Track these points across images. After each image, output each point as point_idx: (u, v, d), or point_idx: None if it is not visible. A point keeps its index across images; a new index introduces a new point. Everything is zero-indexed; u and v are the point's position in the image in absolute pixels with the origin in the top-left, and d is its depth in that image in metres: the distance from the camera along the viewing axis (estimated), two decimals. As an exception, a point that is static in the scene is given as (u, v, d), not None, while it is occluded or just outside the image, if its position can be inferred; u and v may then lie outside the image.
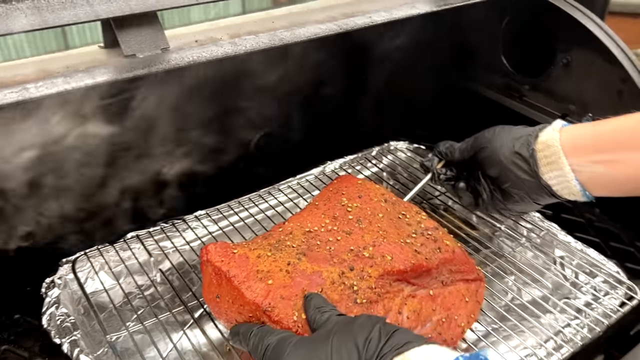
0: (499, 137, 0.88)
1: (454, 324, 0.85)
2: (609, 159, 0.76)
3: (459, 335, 0.84)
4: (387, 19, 1.00)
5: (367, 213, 0.90)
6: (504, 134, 0.88)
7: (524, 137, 0.85)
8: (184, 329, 0.89)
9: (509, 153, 0.85)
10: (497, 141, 0.88)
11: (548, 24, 1.21)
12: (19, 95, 0.73)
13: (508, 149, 0.86)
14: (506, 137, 0.87)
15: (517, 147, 0.85)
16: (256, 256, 0.79)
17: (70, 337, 0.84)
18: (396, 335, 0.59)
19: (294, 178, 1.20)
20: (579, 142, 0.80)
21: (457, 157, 0.96)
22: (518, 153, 0.84)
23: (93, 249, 1.00)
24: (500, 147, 0.87)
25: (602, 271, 0.99)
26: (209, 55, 0.85)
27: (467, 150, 0.93)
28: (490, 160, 0.88)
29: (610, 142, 0.77)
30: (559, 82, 1.23)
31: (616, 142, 0.76)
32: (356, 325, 0.63)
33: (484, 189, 0.92)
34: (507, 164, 0.86)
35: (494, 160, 0.88)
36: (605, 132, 0.78)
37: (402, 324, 0.80)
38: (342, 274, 0.79)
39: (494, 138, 0.88)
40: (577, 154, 0.79)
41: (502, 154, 0.86)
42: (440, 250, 0.86)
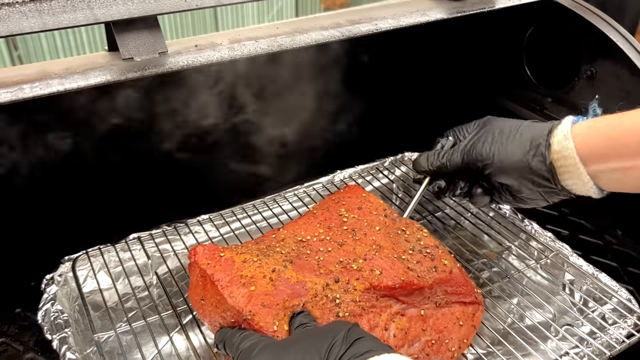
0: (504, 151, 0.81)
1: (444, 347, 0.82)
2: (629, 166, 0.71)
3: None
4: (393, 27, 0.97)
5: (363, 225, 0.88)
6: (510, 145, 0.80)
7: (534, 147, 0.78)
8: (171, 333, 0.89)
9: (524, 170, 0.79)
10: (504, 156, 0.81)
11: (572, 35, 1.15)
12: (13, 95, 0.75)
13: (521, 164, 0.79)
14: (513, 150, 0.80)
15: (530, 161, 0.78)
16: (242, 260, 0.78)
17: (61, 334, 0.85)
18: (358, 343, 0.58)
19: (301, 186, 1.19)
20: (595, 149, 0.73)
21: (452, 170, 0.89)
22: (533, 169, 0.78)
23: (94, 249, 1.01)
24: (510, 164, 0.80)
25: (613, 298, 0.94)
26: (204, 60, 0.85)
27: (464, 164, 0.86)
28: (501, 176, 0.82)
29: (627, 147, 0.70)
30: (583, 94, 1.18)
31: (633, 147, 0.70)
32: (323, 331, 0.63)
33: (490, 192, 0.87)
34: (522, 180, 0.80)
35: (505, 177, 0.82)
36: (620, 136, 0.71)
37: (388, 342, 0.78)
38: (327, 286, 0.77)
39: (498, 151, 0.81)
40: (594, 162, 0.74)
41: (516, 170, 0.80)
42: (436, 269, 0.83)
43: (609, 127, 0.72)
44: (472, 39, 1.30)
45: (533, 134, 0.79)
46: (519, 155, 0.79)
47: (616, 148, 0.71)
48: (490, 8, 1.05)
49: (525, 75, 1.30)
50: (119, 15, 0.81)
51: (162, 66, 0.82)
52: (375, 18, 0.98)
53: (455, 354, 0.82)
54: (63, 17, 0.78)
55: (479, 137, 0.85)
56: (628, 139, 0.69)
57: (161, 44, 0.85)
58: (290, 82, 1.19)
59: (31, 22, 0.76)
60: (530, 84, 1.30)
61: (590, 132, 0.74)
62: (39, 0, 0.76)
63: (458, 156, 0.87)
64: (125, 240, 1.03)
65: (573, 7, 1.10)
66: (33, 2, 0.76)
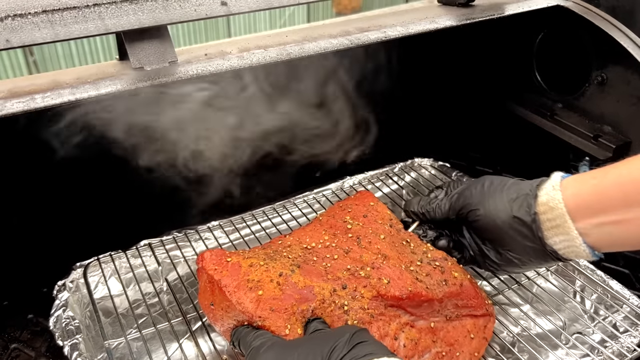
0: (491, 198, 0.80)
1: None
2: (617, 219, 0.68)
3: None
4: (402, 34, 0.97)
5: (368, 232, 0.88)
6: (497, 194, 0.79)
7: (522, 197, 0.76)
8: (180, 340, 0.90)
9: (507, 217, 0.77)
10: (490, 203, 0.79)
11: (582, 41, 1.15)
12: (25, 105, 0.76)
13: (505, 212, 0.77)
14: (500, 198, 0.79)
15: (515, 210, 0.76)
16: (248, 265, 0.78)
17: (72, 340, 0.86)
18: (360, 346, 0.59)
19: (310, 192, 1.19)
20: (583, 201, 0.71)
21: (439, 217, 0.88)
22: (518, 218, 0.76)
23: (105, 255, 1.02)
24: (495, 211, 0.78)
25: (625, 306, 0.93)
26: (213, 68, 0.85)
27: (452, 210, 0.86)
28: (485, 224, 0.80)
29: (616, 199, 0.68)
30: (593, 100, 1.17)
31: (622, 200, 0.67)
32: (328, 334, 0.64)
33: (473, 248, 0.86)
34: (506, 229, 0.78)
35: (490, 225, 0.79)
36: (609, 187, 0.69)
37: (398, 351, 0.78)
38: (334, 292, 0.77)
39: (485, 199, 0.80)
40: (583, 216, 0.71)
41: (499, 219, 0.78)
42: (446, 283, 0.82)
43: (597, 178, 0.70)
44: (483, 44, 1.30)
45: (522, 186, 0.78)
46: (504, 203, 0.78)
47: (602, 201, 0.69)
48: (500, 15, 1.05)
49: (536, 81, 1.30)
50: (129, 25, 0.82)
51: (172, 75, 0.83)
52: (384, 26, 0.99)
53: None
54: (74, 27, 0.79)
55: (469, 186, 0.85)
56: (613, 192, 0.68)
57: (171, 53, 0.86)
58: (300, 88, 1.20)
59: (43, 32, 0.77)
60: (540, 90, 1.29)
61: (577, 183, 0.72)
62: (51, 11, 0.77)
63: (446, 203, 0.87)
64: (136, 246, 1.04)
65: (583, 13, 1.10)
66: (45, 13, 0.77)
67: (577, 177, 0.73)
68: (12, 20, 0.75)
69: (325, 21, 1.10)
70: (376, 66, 1.30)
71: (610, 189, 0.68)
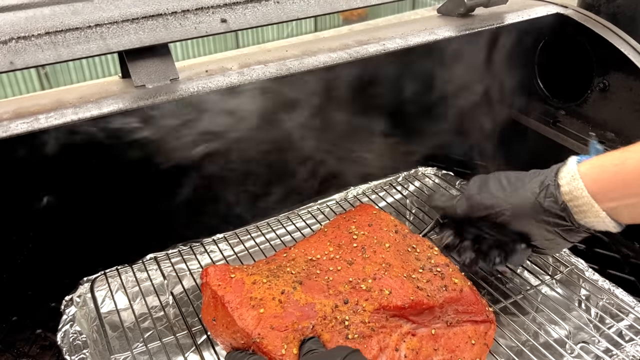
0: (516, 197, 0.81)
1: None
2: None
3: None
4: (401, 46, 0.98)
5: (373, 242, 0.89)
6: (520, 191, 0.81)
7: (544, 189, 0.78)
8: (186, 354, 0.91)
9: (537, 211, 0.79)
10: (514, 199, 0.81)
11: (584, 48, 1.15)
12: (29, 125, 0.77)
13: (534, 207, 0.79)
14: (523, 193, 0.80)
15: (543, 202, 0.78)
16: (252, 282, 0.79)
17: (79, 355, 0.87)
18: None
19: (314, 203, 1.20)
20: (605, 187, 0.73)
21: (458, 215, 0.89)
22: (548, 211, 0.78)
23: (112, 269, 1.03)
24: (522, 207, 0.80)
25: (630, 314, 0.93)
26: (214, 85, 0.87)
27: (472, 210, 0.87)
28: (514, 222, 0.83)
29: (637, 185, 0.71)
30: (596, 107, 1.17)
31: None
32: (317, 358, 0.64)
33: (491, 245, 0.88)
34: (538, 222, 0.80)
35: (520, 223, 0.82)
36: (629, 174, 0.71)
37: None
38: (336, 308, 0.77)
39: (509, 198, 0.82)
40: (607, 199, 0.74)
41: (529, 215, 0.80)
42: (446, 288, 0.83)
43: (615, 167, 0.72)
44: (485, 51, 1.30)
45: (540, 178, 0.80)
46: (531, 199, 0.80)
47: (625, 187, 0.71)
48: (499, 24, 1.06)
49: (539, 89, 1.30)
50: (130, 44, 0.83)
51: (173, 93, 0.84)
52: (383, 38, 0.99)
53: None
54: (77, 48, 0.81)
55: (484, 184, 0.85)
56: (633, 178, 0.70)
57: (172, 70, 0.87)
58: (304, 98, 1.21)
59: (46, 54, 0.79)
60: (543, 97, 1.29)
61: (597, 170, 0.74)
62: (54, 33, 0.79)
63: (463, 202, 0.88)
64: (142, 260, 1.06)
65: (583, 20, 1.10)
66: (48, 34, 0.79)
67: (595, 163, 0.75)
68: (15, 43, 0.77)
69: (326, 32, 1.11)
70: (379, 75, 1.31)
71: (630, 175, 0.71)
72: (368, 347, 0.76)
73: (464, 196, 0.88)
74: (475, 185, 0.87)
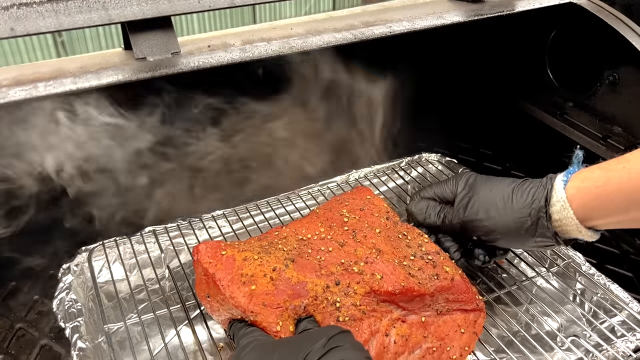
0: (503, 223, 0.83)
1: (445, 354, 0.81)
2: (620, 220, 0.75)
3: None
4: (408, 30, 0.97)
5: (364, 226, 0.88)
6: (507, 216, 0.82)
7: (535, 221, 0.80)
8: (178, 327, 0.91)
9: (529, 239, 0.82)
10: (504, 227, 0.83)
11: (595, 39, 1.13)
12: (27, 93, 0.78)
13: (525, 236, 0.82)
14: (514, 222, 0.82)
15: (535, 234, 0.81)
16: (242, 258, 0.79)
17: (73, 322, 0.88)
18: (334, 352, 0.60)
19: (315, 184, 1.19)
20: (590, 211, 0.77)
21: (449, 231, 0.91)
22: (539, 240, 0.82)
23: (110, 240, 1.04)
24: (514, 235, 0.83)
25: (624, 311, 0.92)
26: (215, 61, 0.86)
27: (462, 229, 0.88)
28: (504, 243, 0.86)
29: (619, 205, 0.74)
30: (605, 100, 1.15)
31: (624, 205, 0.73)
32: (308, 336, 0.65)
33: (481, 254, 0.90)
34: (527, 243, 0.83)
35: (510, 244, 0.87)
36: (612, 195, 0.74)
37: (388, 348, 0.78)
38: (327, 288, 0.77)
39: (497, 224, 0.83)
40: (591, 220, 0.77)
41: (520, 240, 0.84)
42: (438, 277, 0.83)
43: (597, 189, 0.75)
44: (495, 40, 1.28)
45: (530, 205, 0.81)
46: (523, 229, 0.82)
47: (607, 208, 0.75)
48: (510, 12, 1.04)
49: (548, 79, 1.28)
50: (132, 15, 0.83)
51: (174, 67, 0.84)
52: (390, 20, 0.98)
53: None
54: (78, 17, 0.81)
55: (471, 209, 0.86)
56: (615, 198, 0.73)
57: (174, 44, 0.87)
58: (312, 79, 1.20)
59: (47, 21, 0.79)
60: (552, 88, 1.27)
61: (582, 195, 0.77)
62: (56, 1, 0.79)
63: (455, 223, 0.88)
64: (140, 232, 1.06)
65: (596, 11, 1.08)
66: (50, 2, 0.78)
67: (580, 186, 0.77)
68: (17, 9, 0.76)
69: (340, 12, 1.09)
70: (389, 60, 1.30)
71: (612, 196, 0.74)
72: (359, 330, 0.76)
73: (453, 217, 0.88)
74: (461, 207, 0.87)
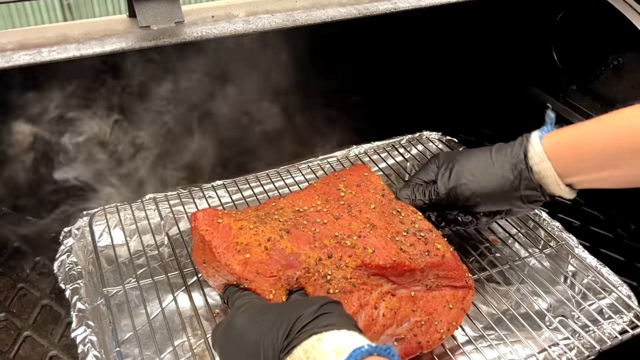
0: (488, 184, 0.85)
1: (433, 329, 0.83)
2: (597, 177, 0.78)
3: (436, 342, 0.82)
4: (413, 7, 0.97)
5: (359, 201, 0.90)
6: (491, 177, 0.85)
7: (518, 174, 0.82)
8: (176, 293, 0.94)
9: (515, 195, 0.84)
10: (488, 188, 0.85)
11: (601, 23, 1.12)
12: (31, 58, 0.79)
13: (512, 193, 0.84)
14: (497, 181, 0.84)
15: (520, 187, 0.83)
16: (238, 227, 0.81)
17: (73, 284, 0.90)
18: (324, 317, 0.62)
19: (315, 158, 1.20)
20: (566, 167, 0.79)
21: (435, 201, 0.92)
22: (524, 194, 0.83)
23: (111, 205, 1.06)
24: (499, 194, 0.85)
25: (613, 294, 0.93)
26: (218, 32, 0.87)
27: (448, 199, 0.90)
28: (488, 204, 0.88)
29: (595, 163, 0.76)
30: (608, 85, 1.15)
31: (600, 163, 0.76)
32: (301, 302, 0.67)
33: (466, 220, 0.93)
34: (512, 200, 0.85)
35: (495, 204, 0.88)
36: (585, 151, 0.77)
37: (377, 320, 0.80)
38: (319, 261, 0.79)
39: (481, 186, 0.86)
40: (569, 177, 0.80)
41: (505, 197, 0.85)
42: (428, 253, 0.84)
43: (571, 145, 0.78)
44: (502, 21, 1.27)
45: (510, 161, 0.83)
46: (506, 185, 0.84)
47: (583, 166, 0.78)
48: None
49: (553, 61, 1.27)
50: (137, -18, 0.83)
51: (177, 36, 0.84)
52: (395, -4, 0.98)
53: (444, 336, 0.83)
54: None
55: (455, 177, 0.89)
56: (589, 155, 0.76)
57: (178, 13, 0.87)
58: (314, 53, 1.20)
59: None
60: (556, 70, 1.27)
61: (557, 150, 0.80)
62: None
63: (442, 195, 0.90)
64: (141, 199, 1.08)
65: (604, -6, 1.07)
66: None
67: (555, 141, 0.80)
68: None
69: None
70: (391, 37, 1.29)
71: (586, 153, 0.77)
72: (349, 302, 0.78)
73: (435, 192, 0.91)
74: (445, 178, 0.90)
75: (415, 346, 0.81)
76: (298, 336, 0.60)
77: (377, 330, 0.79)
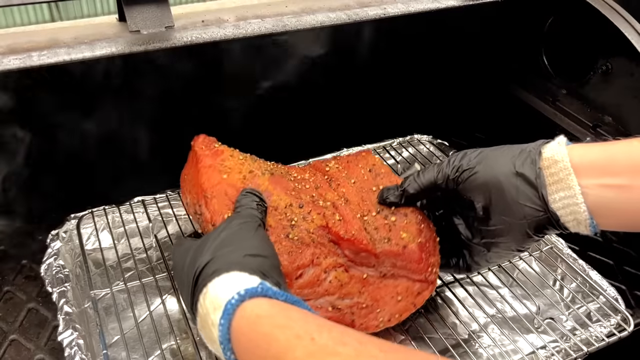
0: (491, 158, 0.74)
1: (372, 315, 0.80)
2: (622, 184, 0.65)
3: (371, 328, 0.80)
4: (402, 12, 0.97)
5: (341, 175, 0.90)
6: (497, 152, 0.74)
7: (525, 154, 0.71)
8: (164, 296, 0.93)
9: (509, 174, 0.71)
10: (489, 162, 0.73)
11: (590, 29, 1.13)
12: (21, 62, 0.78)
13: (507, 167, 0.71)
14: (502, 156, 0.73)
15: (518, 166, 0.70)
16: (230, 154, 0.87)
17: (60, 287, 0.90)
18: (216, 260, 0.64)
19: (305, 161, 1.20)
20: (589, 160, 0.67)
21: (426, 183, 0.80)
22: (521, 174, 0.70)
23: (99, 208, 1.05)
24: (495, 167, 0.72)
25: (601, 297, 0.94)
26: (208, 37, 0.87)
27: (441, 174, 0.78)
28: (482, 185, 0.73)
29: (624, 164, 0.65)
30: (597, 90, 1.16)
31: (630, 165, 0.64)
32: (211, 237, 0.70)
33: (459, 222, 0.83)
34: (507, 186, 0.71)
35: (488, 185, 0.73)
36: (617, 152, 0.66)
37: (321, 283, 0.78)
38: (289, 206, 0.82)
39: (483, 159, 0.74)
40: (586, 173, 0.66)
41: (501, 174, 0.71)
42: (388, 241, 0.81)
43: (605, 144, 0.68)
44: (492, 26, 1.28)
45: (524, 146, 0.73)
46: (506, 160, 0.72)
47: (609, 163, 0.66)
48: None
49: (542, 65, 1.28)
50: (127, -14, 0.83)
51: (167, 41, 0.84)
52: (385, 2, 0.98)
53: (381, 326, 0.81)
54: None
55: (464, 153, 0.78)
56: (620, 156, 0.65)
57: (168, 17, 0.87)
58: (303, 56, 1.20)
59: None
60: (546, 74, 1.28)
61: (583, 146, 0.69)
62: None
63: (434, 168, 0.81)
64: (129, 202, 1.07)
65: (592, 0, 1.08)
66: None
67: (584, 144, 0.69)
68: (10, -24, 0.77)
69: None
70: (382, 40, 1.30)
71: (618, 154, 0.66)
72: (303, 253, 0.78)
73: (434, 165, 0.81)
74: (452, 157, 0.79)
75: (348, 323, 0.79)
76: (196, 291, 0.63)
77: (318, 291, 0.78)
